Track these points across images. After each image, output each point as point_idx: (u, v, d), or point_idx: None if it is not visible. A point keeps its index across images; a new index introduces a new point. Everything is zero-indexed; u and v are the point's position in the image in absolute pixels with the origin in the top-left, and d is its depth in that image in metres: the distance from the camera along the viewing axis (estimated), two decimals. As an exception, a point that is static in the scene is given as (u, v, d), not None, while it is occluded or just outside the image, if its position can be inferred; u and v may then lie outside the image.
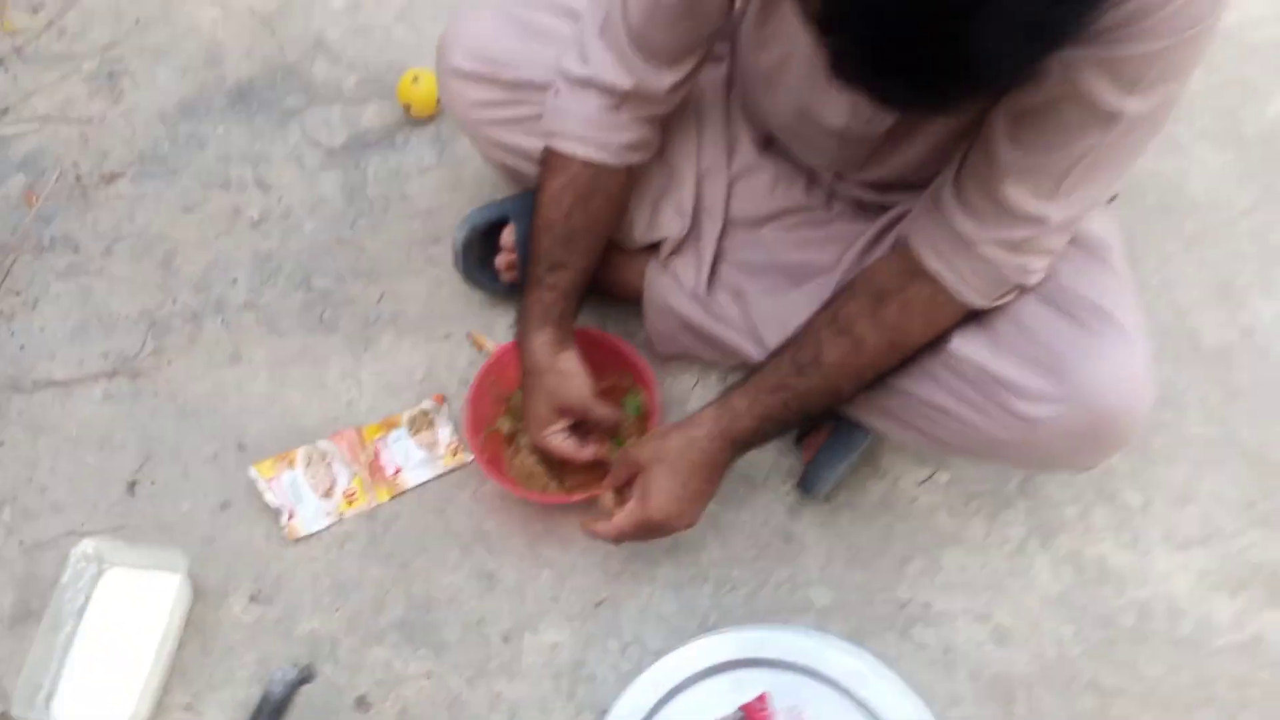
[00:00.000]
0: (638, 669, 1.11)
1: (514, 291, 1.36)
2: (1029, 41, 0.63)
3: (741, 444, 1.07)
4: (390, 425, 1.38)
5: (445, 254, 1.48)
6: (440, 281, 1.49)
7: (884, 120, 1.04)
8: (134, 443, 1.39)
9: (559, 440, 1.20)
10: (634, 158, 1.15)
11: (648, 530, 1.11)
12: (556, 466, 1.30)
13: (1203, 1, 0.76)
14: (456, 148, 1.62)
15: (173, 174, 1.62)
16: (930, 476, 1.33)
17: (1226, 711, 1.17)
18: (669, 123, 1.21)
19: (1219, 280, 1.46)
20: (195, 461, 1.38)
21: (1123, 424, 1.00)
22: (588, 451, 1.21)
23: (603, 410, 1.20)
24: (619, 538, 1.13)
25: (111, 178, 1.62)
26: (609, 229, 1.20)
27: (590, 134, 1.12)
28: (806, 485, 1.28)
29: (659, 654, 1.10)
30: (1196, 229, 1.51)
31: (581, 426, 1.23)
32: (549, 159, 1.15)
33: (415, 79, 1.62)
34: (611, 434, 1.26)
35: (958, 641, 1.23)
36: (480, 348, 1.43)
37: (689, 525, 1.12)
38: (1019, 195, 0.91)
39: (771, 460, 1.34)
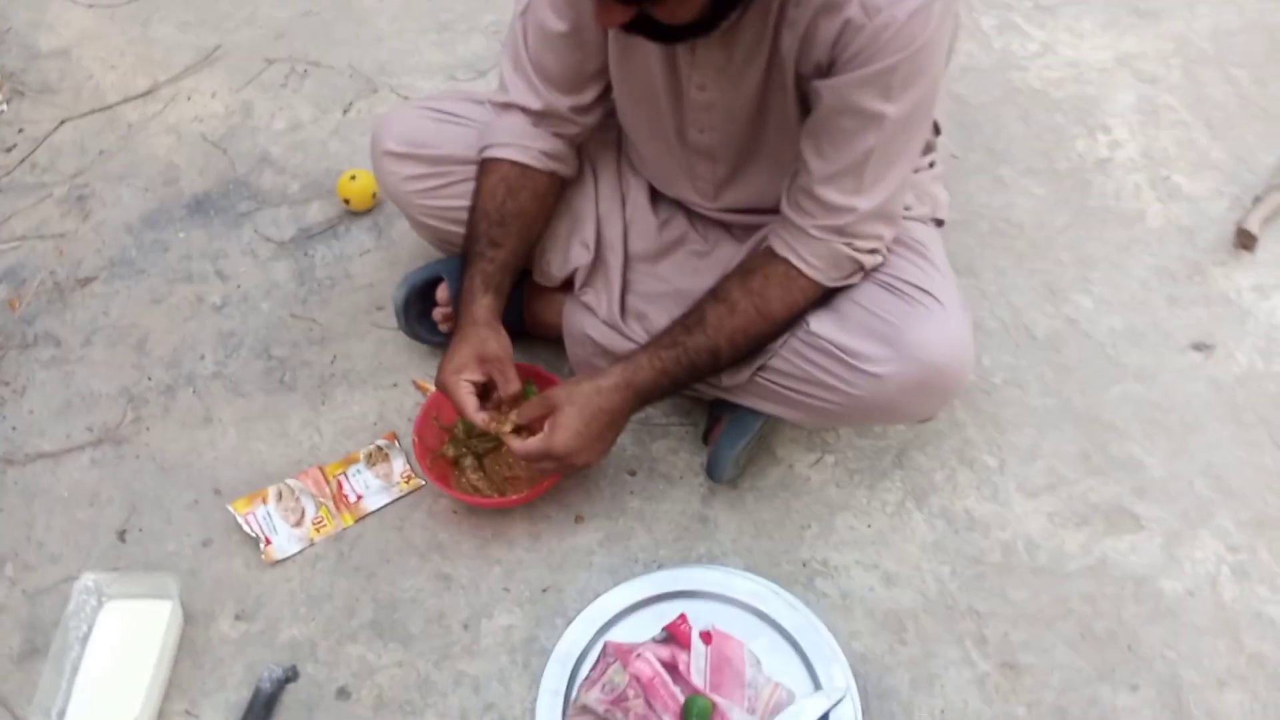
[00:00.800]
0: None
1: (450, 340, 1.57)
2: None
3: (643, 394, 1.29)
4: (350, 462, 1.57)
5: (388, 318, 1.70)
6: (385, 340, 1.71)
7: (713, 131, 1.32)
8: (120, 498, 1.56)
9: (465, 389, 1.33)
10: (554, 165, 1.40)
11: (550, 458, 1.30)
12: (498, 483, 1.50)
13: (914, 25, 1.08)
14: (392, 232, 1.86)
15: (141, 274, 1.83)
16: (819, 459, 1.55)
17: (1082, 621, 1.39)
18: (581, 162, 1.48)
19: (1045, 284, 1.75)
20: (177, 509, 1.54)
21: (948, 375, 1.27)
22: (481, 416, 1.33)
23: (511, 374, 1.35)
24: (525, 458, 1.32)
25: (86, 281, 1.82)
26: (535, 225, 1.43)
27: (516, 141, 1.38)
28: (712, 468, 1.49)
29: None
30: (1024, 247, 1.81)
31: (483, 396, 1.37)
32: (483, 166, 1.40)
33: (353, 177, 1.87)
34: (502, 410, 1.37)
35: (853, 588, 1.43)
36: (423, 391, 1.64)
37: (587, 463, 1.32)
38: (830, 194, 1.21)
39: (686, 461, 1.56)
